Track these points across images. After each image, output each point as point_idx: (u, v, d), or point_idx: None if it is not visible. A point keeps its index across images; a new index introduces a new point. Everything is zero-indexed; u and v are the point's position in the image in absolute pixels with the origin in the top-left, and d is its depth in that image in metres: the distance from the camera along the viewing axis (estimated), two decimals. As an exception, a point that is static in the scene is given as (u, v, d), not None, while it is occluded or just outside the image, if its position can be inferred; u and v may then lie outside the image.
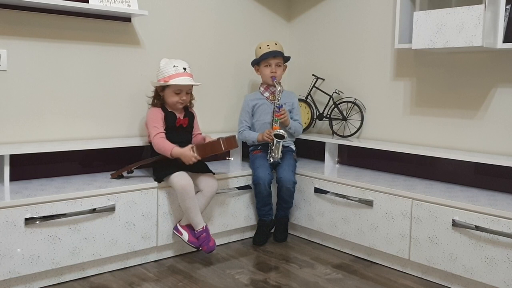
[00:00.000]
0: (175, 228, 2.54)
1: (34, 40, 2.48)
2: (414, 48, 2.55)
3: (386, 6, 2.98)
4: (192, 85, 2.59)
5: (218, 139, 2.51)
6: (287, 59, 3.03)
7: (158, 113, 2.56)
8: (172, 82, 2.49)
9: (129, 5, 2.63)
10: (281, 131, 2.80)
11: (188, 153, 2.45)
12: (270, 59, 2.95)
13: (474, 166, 2.58)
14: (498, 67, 2.52)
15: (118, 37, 2.76)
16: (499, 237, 2.10)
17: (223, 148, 2.48)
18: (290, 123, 2.93)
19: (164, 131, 2.54)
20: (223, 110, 3.25)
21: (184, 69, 2.53)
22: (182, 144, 2.50)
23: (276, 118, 2.86)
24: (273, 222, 2.92)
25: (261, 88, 3.04)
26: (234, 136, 2.56)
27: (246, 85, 3.32)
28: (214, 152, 2.50)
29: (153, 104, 2.61)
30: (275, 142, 2.82)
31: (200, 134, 2.72)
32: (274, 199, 2.90)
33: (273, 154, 2.84)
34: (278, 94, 2.87)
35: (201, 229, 2.48)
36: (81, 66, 2.64)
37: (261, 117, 2.99)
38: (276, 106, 2.86)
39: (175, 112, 2.59)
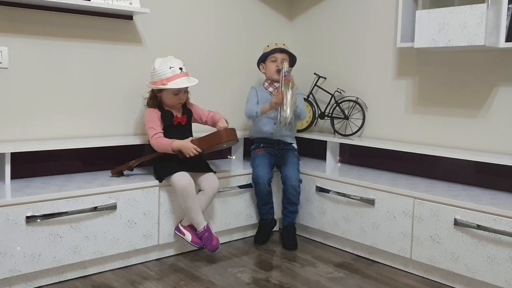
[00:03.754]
0: (177, 229, 2.53)
1: (35, 38, 2.48)
2: (416, 47, 2.55)
3: (388, 5, 2.97)
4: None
5: (218, 130, 2.50)
6: (294, 59, 3.01)
7: (155, 113, 2.54)
8: (170, 86, 2.46)
9: (130, 3, 2.62)
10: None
11: (188, 144, 2.44)
12: (276, 53, 2.93)
13: (476, 165, 2.58)
14: (501, 66, 2.52)
15: (119, 35, 2.75)
16: (501, 236, 2.09)
17: (223, 140, 2.46)
18: (298, 101, 2.75)
19: (162, 131, 2.52)
20: (224, 109, 3.24)
21: (181, 69, 2.50)
22: None
23: (286, 80, 2.65)
24: (274, 221, 2.92)
25: (265, 83, 3.01)
26: (234, 129, 2.55)
27: (248, 84, 3.31)
28: (215, 143, 2.47)
29: (150, 105, 2.59)
30: (283, 67, 2.67)
31: (211, 111, 2.69)
32: (275, 199, 2.89)
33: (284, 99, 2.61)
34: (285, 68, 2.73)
35: (203, 229, 2.47)
36: (82, 64, 2.64)
37: None
38: (286, 71, 2.69)
39: (172, 110, 2.58)
